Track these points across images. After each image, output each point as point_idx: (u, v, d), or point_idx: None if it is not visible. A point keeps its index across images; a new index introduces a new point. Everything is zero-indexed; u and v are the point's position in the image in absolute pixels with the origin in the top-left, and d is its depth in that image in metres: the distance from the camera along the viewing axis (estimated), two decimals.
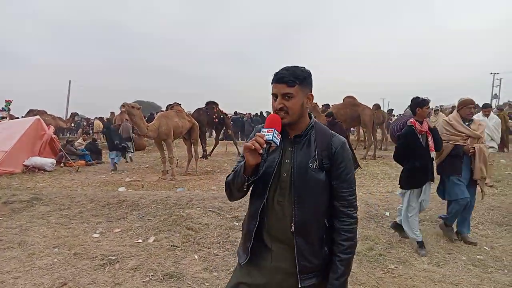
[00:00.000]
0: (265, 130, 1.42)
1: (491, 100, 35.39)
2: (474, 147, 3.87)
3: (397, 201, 5.54)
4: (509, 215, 4.73)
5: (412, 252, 3.79)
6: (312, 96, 1.58)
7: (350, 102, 11.89)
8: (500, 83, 38.07)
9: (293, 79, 1.49)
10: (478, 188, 4.09)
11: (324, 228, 1.55)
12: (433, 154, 3.79)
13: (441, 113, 11.44)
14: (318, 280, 1.53)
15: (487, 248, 3.87)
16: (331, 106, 13.38)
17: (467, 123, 3.97)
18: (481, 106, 7.11)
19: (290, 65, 1.55)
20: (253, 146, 1.37)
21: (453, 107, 18.20)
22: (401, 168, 4.02)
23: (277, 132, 1.42)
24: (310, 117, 1.61)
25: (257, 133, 1.42)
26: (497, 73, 38.50)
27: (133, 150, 12.25)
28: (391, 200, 5.58)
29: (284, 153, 1.55)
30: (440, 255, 3.71)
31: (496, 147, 6.73)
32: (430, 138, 3.74)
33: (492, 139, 6.44)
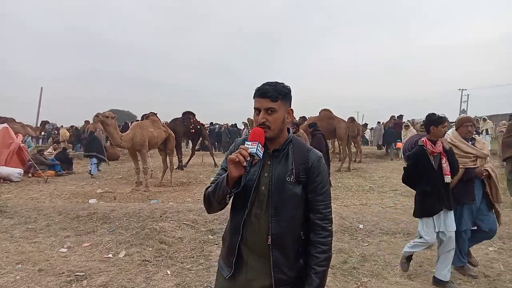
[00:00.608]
0: (249, 143, 1.45)
1: (460, 114, 36.84)
2: (487, 169, 3.51)
3: (371, 213, 5.63)
4: None
5: (384, 265, 3.83)
6: (292, 111, 1.64)
7: (326, 115, 12.09)
8: (468, 99, 39.78)
9: (276, 94, 1.54)
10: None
11: (300, 241, 1.58)
12: (448, 178, 3.29)
13: (411, 127, 11.83)
14: None
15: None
16: (307, 119, 13.55)
17: (470, 143, 3.62)
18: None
19: (271, 81, 1.59)
20: (237, 159, 1.39)
21: (413, 120, 18.80)
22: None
23: (260, 146, 1.46)
24: (289, 131, 1.66)
25: (241, 146, 1.44)
26: (465, 89, 40.28)
27: (106, 160, 12.02)
28: (365, 212, 5.66)
29: (263, 166, 1.58)
30: (411, 267, 3.76)
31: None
32: (444, 161, 3.31)
33: None
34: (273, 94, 1.53)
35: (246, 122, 19.85)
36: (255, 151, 1.43)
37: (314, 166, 1.57)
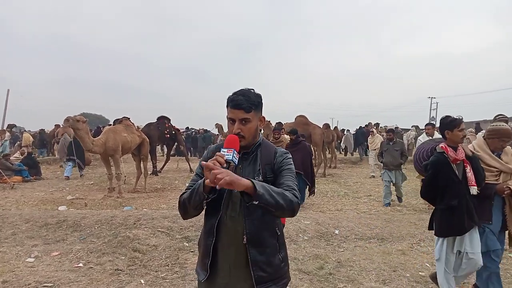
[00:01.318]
0: (225, 150, 1.48)
1: (430, 121, 38.17)
2: (510, 186, 2.93)
3: (346, 219, 5.70)
4: None
5: (360, 270, 3.88)
6: (264, 118, 1.72)
7: (302, 121, 12.21)
8: (437, 107, 41.30)
9: (250, 105, 1.59)
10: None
11: (275, 236, 1.64)
12: (474, 190, 2.86)
13: (377, 134, 12.11)
14: None
15: (428, 265, 4.06)
16: (283, 124, 13.64)
17: (495, 153, 3.10)
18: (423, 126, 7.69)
19: (243, 89, 1.63)
20: (211, 164, 1.40)
21: (396, 128, 19.36)
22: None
23: (236, 152, 1.49)
24: (258, 136, 1.73)
25: (217, 153, 1.46)
26: (434, 97, 41.83)
27: (83, 168, 12.15)
28: (340, 218, 5.73)
29: (235, 170, 1.59)
30: (386, 272, 3.83)
31: None
32: (469, 169, 2.89)
33: None
34: (247, 106, 1.58)
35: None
36: (231, 158, 1.45)
37: (278, 161, 1.66)
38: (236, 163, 1.49)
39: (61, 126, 14.47)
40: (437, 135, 6.60)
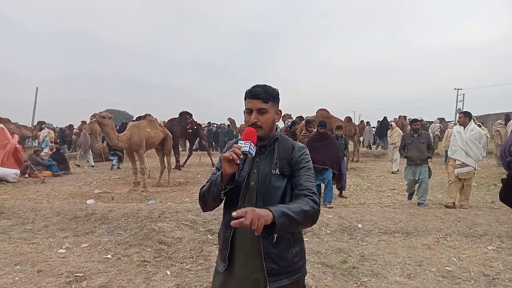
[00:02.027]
0: (242, 142, 1.53)
1: (456, 114, 37.06)
2: None
3: (369, 213, 5.63)
4: (474, 227, 4.90)
5: (384, 265, 3.84)
6: (281, 112, 1.76)
7: (323, 114, 12.09)
8: (463, 98, 40.00)
9: (267, 96, 1.65)
10: None
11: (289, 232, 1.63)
12: None
13: (396, 127, 11.73)
14: (287, 282, 1.61)
15: (455, 260, 3.98)
16: (304, 118, 13.55)
17: None
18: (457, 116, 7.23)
19: (261, 83, 1.69)
20: (231, 157, 1.46)
21: (421, 121, 18.81)
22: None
23: (253, 144, 1.54)
24: (276, 130, 1.77)
25: (234, 145, 1.51)
26: (461, 89, 40.50)
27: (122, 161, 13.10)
28: (364, 212, 5.67)
29: (252, 163, 1.67)
30: (411, 267, 3.77)
31: (474, 165, 6.07)
32: None
33: (467, 155, 5.97)
34: (265, 96, 1.63)
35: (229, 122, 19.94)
36: (248, 150, 1.50)
37: (295, 156, 1.67)
38: (253, 154, 1.54)
39: (88, 122, 14.93)
40: (473, 124, 6.16)
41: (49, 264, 3.71)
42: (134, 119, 12.67)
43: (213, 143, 20.02)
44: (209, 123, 22.62)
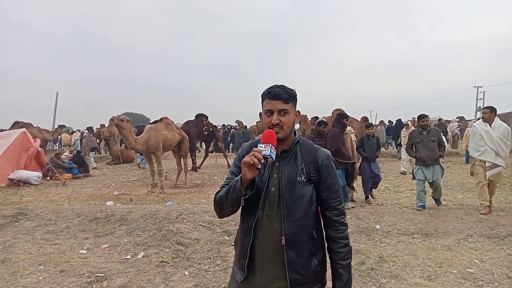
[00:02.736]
0: (262, 145, 1.46)
1: (476, 112, 36.19)
2: None
3: (387, 213, 5.56)
4: (497, 227, 4.78)
5: (403, 266, 3.78)
6: (299, 113, 1.71)
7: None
8: (484, 96, 39.03)
9: (288, 96, 1.58)
10: None
11: (312, 240, 1.59)
12: None
13: (412, 127, 11.47)
14: None
15: (477, 261, 3.88)
16: (320, 119, 13.46)
17: None
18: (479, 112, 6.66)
19: (278, 84, 1.63)
20: (251, 161, 1.40)
21: (439, 120, 18.52)
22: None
23: (273, 148, 1.47)
24: (295, 133, 1.69)
25: (255, 149, 1.45)
26: (481, 87, 39.53)
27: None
28: (382, 213, 5.60)
29: (272, 168, 1.59)
30: (431, 268, 3.71)
31: (503, 164, 5.66)
32: None
33: (497, 154, 5.50)
34: (285, 96, 1.57)
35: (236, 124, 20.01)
36: (268, 153, 1.43)
37: (324, 165, 1.60)
38: (274, 158, 1.47)
39: (106, 125, 15.25)
40: (498, 120, 5.73)
41: (71, 265, 3.80)
42: (151, 122, 12.87)
43: (231, 144, 20.14)
44: (224, 125, 22.72)
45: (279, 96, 1.56)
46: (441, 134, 6.53)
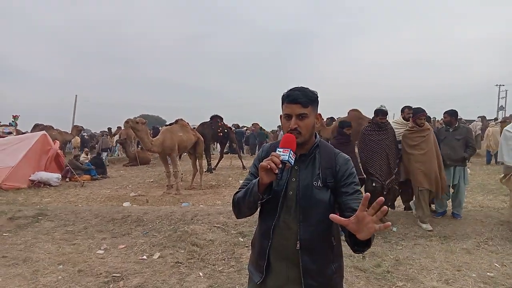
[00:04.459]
0: (281, 150, 1.43)
1: (497, 112, 35.26)
2: None
3: (404, 215, 5.47)
4: None
5: (420, 269, 3.71)
6: (320, 116, 1.65)
7: (355, 115, 11.84)
8: (506, 95, 37.94)
9: (307, 100, 1.54)
10: None
11: (330, 246, 1.56)
12: None
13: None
14: None
15: (497, 265, 3.79)
16: (336, 120, 13.36)
17: None
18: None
19: (298, 86, 1.58)
20: (268, 166, 1.37)
21: (460, 119, 18.01)
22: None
23: (292, 153, 1.43)
24: (316, 136, 1.65)
25: (273, 153, 1.41)
26: (503, 85, 38.41)
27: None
28: (398, 215, 5.51)
29: (291, 172, 1.57)
30: (449, 272, 3.63)
31: None
32: None
33: None
34: (304, 100, 1.53)
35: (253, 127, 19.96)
36: (287, 159, 1.40)
37: (342, 169, 1.55)
38: (292, 163, 1.44)
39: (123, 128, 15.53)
40: None
41: (89, 264, 3.88)
42: (167, 124, 13.00)
43: (248, 146, 20.15)
44: (238, 126, 22.76)
45: (298, 100, 1.53)
46: (472, 133, 5.76)
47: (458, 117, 5.71)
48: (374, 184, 4.90)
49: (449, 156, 5.26)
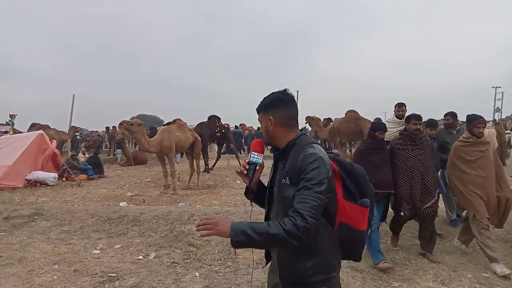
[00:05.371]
0: (252, 153, 1.72)
1: (494, 113, 35.42)
2: None
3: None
4: None
5: (416, 269, 3.72)
6: (271, 119, 1.66)
7: (353, 116, 11.88)
8: (502, 97, 38.14)
9: (258, 108, 1.73)
10: None
11: (303, 244, 1.49)
12: None
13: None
14: None
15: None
16: (333, 120, 13.39)
17: None
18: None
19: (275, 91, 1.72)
20: (239, 170, 1.72)
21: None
22: None
23: (255, 153, 1.70)
24: (301, 135, 1.67)
25: (245, 158, 1.71)
26: (499, 87, 38.62)
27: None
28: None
29: (276, 169, 1.73)
30: (445, 272, 3.64)
31: None
32: None
33: None
34: (257, 108, 1.73)
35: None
36: (254, 160, 1.69)
37: (299, 165, 1.51)
38: (260, 162, 1.70)
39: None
40: None
41: (85, 264, 3.87)
42: (165, 123, 12.99)
43: (245, 146, 20.14)
44: (236, 126, 22.76)
45: (256, 109, 1.75)
46: None
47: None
48: (402, 214, 4.00)
49: None
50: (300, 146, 1.60)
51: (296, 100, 1.73)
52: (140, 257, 4.08)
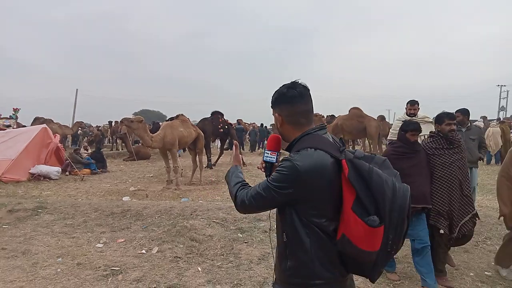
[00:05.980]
0: (267, 151, 1.63)
1: (499, 112, 35.25)
2: None
3: None
4: None
5: None
6: (278, 115, 1.57)
7: (356, 113, 11.88)
8: (507, 95, 37.90)
9: (271, 103, 1.64)
10: None
11: (282, 242, 1.51)
12: None
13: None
14: None
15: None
16: (336, 117, 13.36)
17: None
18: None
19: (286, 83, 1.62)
20: (259, 166, 1.68)
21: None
22: None
23: (268, 152, 1.61)
24: (305, 135, 1.52)
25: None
26: (504, 85, 38.38)
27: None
28: None
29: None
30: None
31: None
32: None
33: None
34: (271, 103, 1.64)
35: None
36: (268, 159, 1.60)
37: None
38: (274, 161, 1.59)
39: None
40: None
41: (88, 258, 3.89)
42: (168, 119, 13.01)
43: (254, 142, 20.17)
44: (239, 122, 22.80)
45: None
46: (483, 133, 5.33)
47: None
48: (441, 231, 3.38)
49: (468, 158, 4.43)
50: (296, 148, 1.49)
51: (306, 94, 1.54)
52: (143, 251, 4.10)
